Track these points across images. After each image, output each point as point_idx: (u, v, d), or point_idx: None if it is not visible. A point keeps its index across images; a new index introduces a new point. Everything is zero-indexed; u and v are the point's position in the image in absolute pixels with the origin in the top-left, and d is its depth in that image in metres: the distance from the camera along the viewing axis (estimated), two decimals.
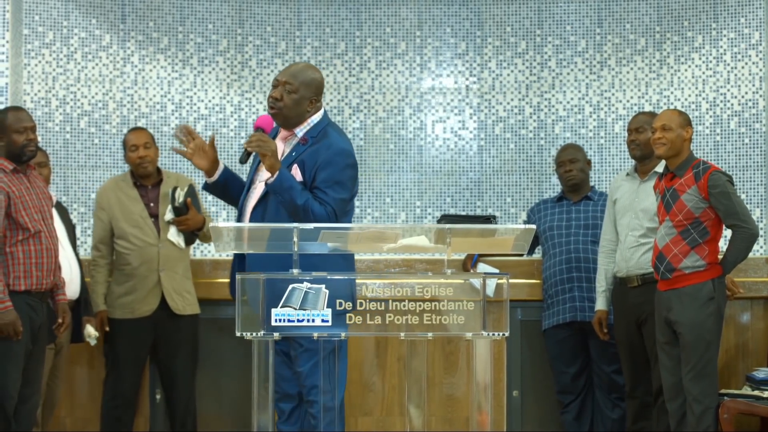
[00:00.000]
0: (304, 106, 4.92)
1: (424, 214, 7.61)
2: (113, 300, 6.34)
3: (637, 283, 6.02)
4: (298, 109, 4.91)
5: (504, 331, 4.08)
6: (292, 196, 4.78)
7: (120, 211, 6.36)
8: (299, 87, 4.90)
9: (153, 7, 7.45)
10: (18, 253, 5.43)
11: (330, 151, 4.87)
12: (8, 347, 5.36)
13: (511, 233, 4.38)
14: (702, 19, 7.34)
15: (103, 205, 6.41)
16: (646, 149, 6.11)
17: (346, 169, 4.87)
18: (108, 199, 6.41)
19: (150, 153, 6.41)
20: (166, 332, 6.34)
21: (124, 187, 6.42)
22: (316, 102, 4.95)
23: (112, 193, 6.42)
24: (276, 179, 4.81)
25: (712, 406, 5.59)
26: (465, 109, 7.65)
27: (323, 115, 4.99)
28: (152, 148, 6.44)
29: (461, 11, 7.65)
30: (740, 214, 5.59)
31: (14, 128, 5.52)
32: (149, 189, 6.43)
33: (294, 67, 5.03)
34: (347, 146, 4.92)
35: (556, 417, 6.69)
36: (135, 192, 6.41)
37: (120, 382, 6.34)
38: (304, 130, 4.95)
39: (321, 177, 4.84)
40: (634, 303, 6.02)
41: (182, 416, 6.40)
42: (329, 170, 4.84)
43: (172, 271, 6.33)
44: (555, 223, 6.62)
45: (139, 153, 6.38)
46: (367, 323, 4.09)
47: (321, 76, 5.01)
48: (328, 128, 4.96)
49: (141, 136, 6.43)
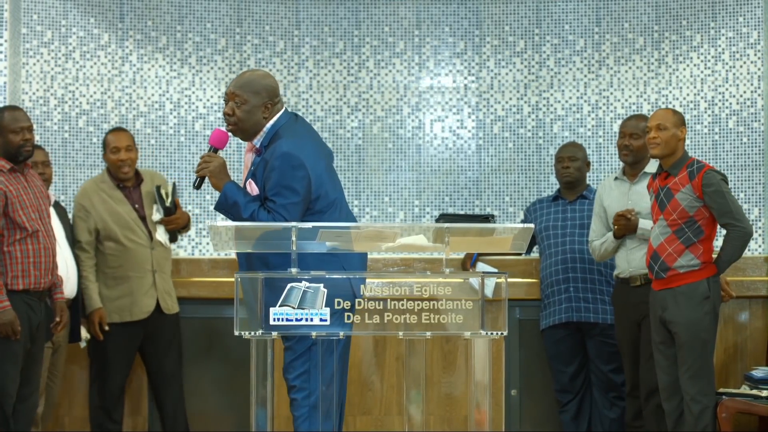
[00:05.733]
0: (258, 115, 4.79)
1: (423, 213, 7.61)
2: (107, 303, 6.29)
3: (641, 283, 6.01)
4: (252, 119, 4.79)
5: (502, 331, 4.09)
6: (238, 211, 4.70)
7: (106, 212, 6.31)
8: (248, 98, 4.78)
9: (151, 6, 7.44)
10: (16, 252, 5.43)
11: (273, 157, 4.71)
12: (7, 346, 5.37)
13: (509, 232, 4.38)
14: (700, 18, 7.34)
15: (87, 206, 6.33)
16: (639, 155, 6.12)
17: (292, 172, 4.68)
18: (91, 201, 6.34)
19: (131, 156, 6.37)
20: (156, 332, 6.34)
21: (107, 189, 6.37)
22: (273, 106, 4.82)
23: (95, 195, 6.35)
24: (219, 198, 4.76)
25: (710, 406, 5.59)
26: (463, 108, 7.65)
27: (278, 118, 4.83)
28: (133, 150, 6.39)
29: (460, 10, 7.65)
30: (734, 213, 5.59)
31: (11, 128, 5.52)
32: (131, 190, 6.40)
33: (240, 77, 4.89)
34: (291, 149, 4.70)
35: (554, 416, 6.70)
36: (119, 193, 6.37)
37: (110, 383, 6.33)
38: (260, 141, 4.83)
39: (268, 186, 4.71)
40: (636, 302, 6.00)
41: (173, 415, 6.40)
42: (274, 176, 4.69)
43: (163, 271, 6.35)
44: (551, 222, 6.63)
45: (120, 156, 6.33)
46: (366, 322, 4.09)
47: (271, 79, 4.87)
48: (280, 131, 4.80)
49: (123, 138, 6.37)
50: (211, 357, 6.81)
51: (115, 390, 6.34)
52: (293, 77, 7.61)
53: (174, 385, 6.42)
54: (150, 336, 6.34)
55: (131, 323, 6.28)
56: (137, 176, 6.43)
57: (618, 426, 6.45)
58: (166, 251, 6.42)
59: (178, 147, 7.46)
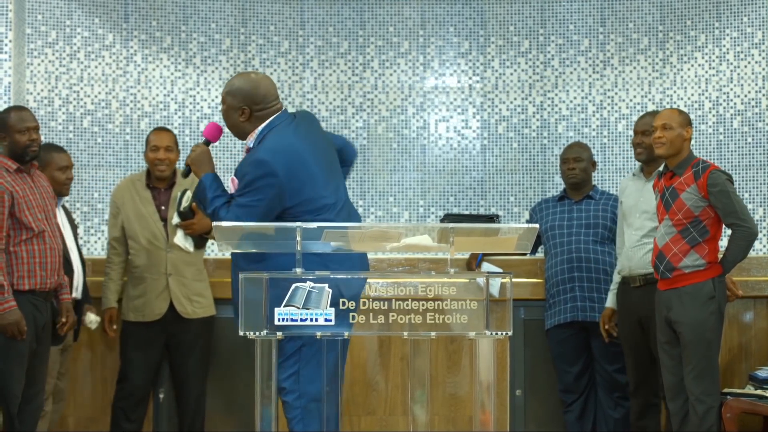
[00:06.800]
0: (235, 116, 4.87)
1: (427, 214, 7.61)
2: (128, 302, 6.35)
3: (639, 284, 6.02)
4: (230, 121, 4.90)
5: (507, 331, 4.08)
6: (205, 204, 4.81)
7: (132, 211, 6.35)
8: (225, 99, 4.90)
9: (156, 6, 7.45)
10: (22, 252, 5.44)
11: (246, 161, 4.78)
12: (12, 347, 5.37)
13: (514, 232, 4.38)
14: (705, 18, 7.34)
15: (118, 203, 6.40)
16: (653, 153, 6.11)
17: (261, 178, 4.69)
18: (122, 198, 6.40)
19: (170, 156, 6.38)
20: (177, 336, 6.34)
21: (138, 187, 6.40)
22: (254, 110, 4.85)
23: (126, 192, 6.41)
24: (196, 187, 4.88)
25: (714, 406, 5.59)
26: (468, 108, 7.65)
27: (271, 120, 4.86)
28: (174, 151, 6.41)
29: (464, 10, 7.65)
30: (739, 212, 5.59)
31: (17, 128, 5.53)
32: (162, 191, 6.41)
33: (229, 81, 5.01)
34: (267, 156, 4.72)
35: (558, 416, 6.69)
36: (148, 193, 6.39)
37: (130, 382, 6.34)
38: (251, 142, 4.89)
39: (238, 186, 4.78)
40: (637, 303, 6.02)
41: (191, 415, 6.40)
42: (243, 179, 4.74)
43: (180, 275, 6.31)
44: (557, 222, 6.63)
45: (158, 155, 6.36)
46: (371, 322, 4.09)
47: (248, 82, 4.88)
48: (268, 135, 4.84)
49: (164, 138, 6.40)
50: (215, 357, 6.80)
51: (133, 390, 6.33)
52: (298, 77, 7.61)
53: (194, 387, 6.40)
54: (172, 339, 6.35)
55: (150, 323, 6.29)
56: (173, 177, 6.44)
57: (622, 426, 6.44)
58: (187, 255, 6.34)
59: (182, 147, 7.46)
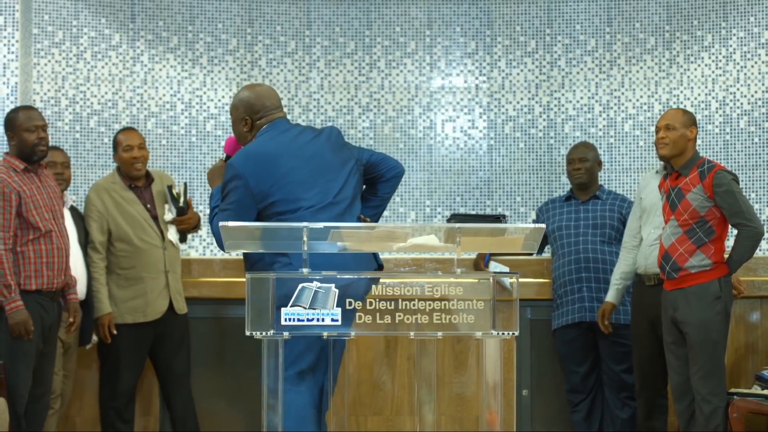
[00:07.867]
0: (240, 128, 4.89)
1: (434, 214, 7.61)
2: (119, 304, 6.29)
3: (653, 282, 6.00)
4: (237, 132, 4.93)
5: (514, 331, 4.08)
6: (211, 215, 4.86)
7: (119, 214, 6.31)
8: (231, 112, 4.94)
9: (162, 6, 7.46)
10: (29, 252, 5.44)
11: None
12: (19, 346, 5.38)
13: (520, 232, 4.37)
14: (711, 18, 7.33)
15: (99, 207, 6.32)
16: None
17: (227, 183, 4.72)
18: (104, 201, 6.33)
19: (144, 153, 6.39)
20: (167, 333, 6.35)
21: (118, 189, 6.36)
22: (254, 119, 4.86)
23: (106, 196, 6.34)
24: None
25: (721, 406, 5.58)
26: (474, 109, 7.65)
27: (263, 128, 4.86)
28: (145, 149, 6.43)
29: (471, 10, 7.65)
30: (745, 212, 5.58)
31: (25, 127, 5.54)
32: (143, 190, 6.40)
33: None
34: (234, 160, 4.76)
35: (565, 416, 6.69)
36: (131, 194, 6.36)
37: (121, 383, 6.32)
38: None
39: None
40: (651, 302, 5.98)
41: (183, 416, 6.41)
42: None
43: (175, 271, 6.36)
44: (564, 222, 6.62)
45: (134, 153, 6.34)
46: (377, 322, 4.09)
47: (249, 93, 4.90)
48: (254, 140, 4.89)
49: (135, 137, 6.40)
50: (222, 357, 6.81)
51: (126, 390, 6.35)
52: (304, 77, 7.62)
53: (184, 386, 6.43)
54: (161, 337, 6.35)
55: (143, 324, 6.28)
56: (147, 176, 6.44)
57: (630, 426, 6.44)
58: (177, 251, 6.44)
59: (189, 147, 7.47)
